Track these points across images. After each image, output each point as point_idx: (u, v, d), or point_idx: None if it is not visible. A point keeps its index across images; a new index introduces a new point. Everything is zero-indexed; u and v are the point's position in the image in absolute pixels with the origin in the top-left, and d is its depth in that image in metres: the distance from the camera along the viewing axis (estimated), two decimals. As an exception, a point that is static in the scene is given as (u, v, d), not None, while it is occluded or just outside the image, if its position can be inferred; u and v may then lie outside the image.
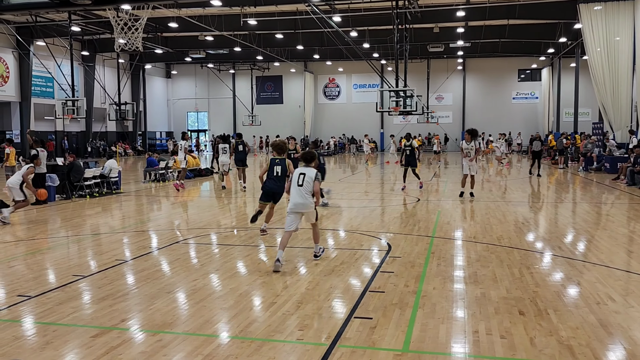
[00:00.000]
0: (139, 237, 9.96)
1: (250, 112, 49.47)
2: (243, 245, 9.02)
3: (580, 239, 9.51)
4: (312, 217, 7.57)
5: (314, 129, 51.35)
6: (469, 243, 9.00)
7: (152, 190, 18.56)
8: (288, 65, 47.89)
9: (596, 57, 25.17)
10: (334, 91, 51.83)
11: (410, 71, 33.67)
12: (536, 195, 16.01)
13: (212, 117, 54.28)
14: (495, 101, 48.13)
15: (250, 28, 33.87)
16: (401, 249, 8.46)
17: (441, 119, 47.49)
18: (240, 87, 52.53)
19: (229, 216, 12.56)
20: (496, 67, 47.56)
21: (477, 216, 11.79)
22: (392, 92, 25.33)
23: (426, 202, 14.36)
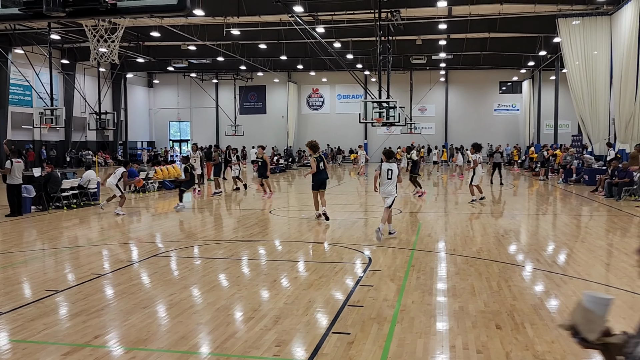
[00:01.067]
0: (117, 250, 9.85)
1: (233, 122, 49.34)
2: (223, 258, 8.97)
3: (559, 251, 9.62)
4: (389, 202, 10.50)
5: (298, 140, 51.38)
6: (449, 256, 9.05)
7: (132, 201, 18.38)
8: (271, 76, 47.97)
9: (575, 70, 25.63)
10: (318, 101, 51.98)
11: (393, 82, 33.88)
12: (516, 207, 16.17)
13: (194, 127, 54.05)
14: (477, 113, 48.68)
15: (234, 38, 33.87)
16: (382, 262, 8.47)
17: (424, 130, 47.90)
18: (223, 97, 52.43)
19: (210, 228, 12.49)
20: (478, 79, 48.15)
21: (458, 228, 11.87)
22: (375, 103, 25.49)
23: (408, 215, 14.42)
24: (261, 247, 10.20)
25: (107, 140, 47.32)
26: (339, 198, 18.95)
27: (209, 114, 53.09)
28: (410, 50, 37.72)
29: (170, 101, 53.79)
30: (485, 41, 36.24)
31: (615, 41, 23.67)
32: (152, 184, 21.34)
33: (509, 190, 21.88)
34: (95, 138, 46.08)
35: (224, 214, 15.40)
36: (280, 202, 18.17)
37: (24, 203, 14.41)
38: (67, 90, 40.90)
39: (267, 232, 11.85)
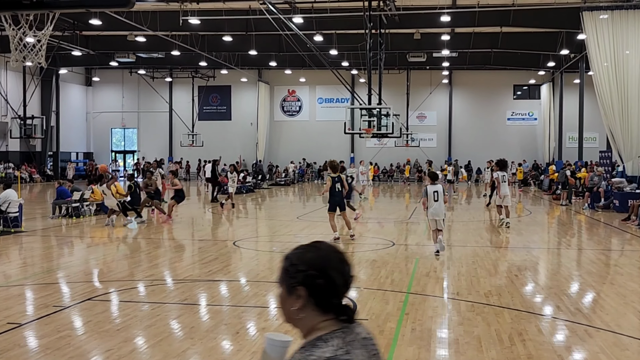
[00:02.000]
0: (43, 291, 9.70)
1: (191, 130, 49.24)
2: (175, 303, 8.89)
3: (584, 296, 9.73)
4: (442, 224, 13.03)
5: (269, 152, 51.41)
6: (451, 301, 9.09)
7: (63, 228, 18.16)
8: (238, 74, 48.09)
9: (602, 72, 26.17)
10: (294, 106, 52.18)
11: (386, 84, 34.27)
12: (533, 239, 16.34)
13: (142, 135, 53.78)
14: (487, 122, 49.30)
15: (192, 28, 33.94)
16: (369, 309, 8.48)
17: (423, 143, 48.25)
18: (178, 99, 52.32)
19: (160, 263, 12.38)
20: (488, 81, 48.85)
21: (462, 266, 11.95)
22: (364, 109, 25.69)
23: (403, 247, 14.48)
24: (222, 287, 10.13)
25: (33, 151, 46.76)
26: (319, 226, 18.96)
27: (160, 119, 52.89)
28: (406, 46, 38.17)
29: (113, 103, 53.50)
30: (497, 37, 36.86)
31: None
32: (89, 207, 21.13)
33: (524, 218, 22.12)
34: (18, 148, 45.50)
35: (177, 245, 15.29)
36: (246, 230, 18.11)
37: None
38: (-16, 88, 40.47)
39: (230, 269, 11.79)
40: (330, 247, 2.22)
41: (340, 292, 2.15)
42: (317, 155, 50.15)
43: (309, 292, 2.10)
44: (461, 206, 28.02)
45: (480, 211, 24.49)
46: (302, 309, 2.12)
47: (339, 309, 2.14)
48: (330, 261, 2.15)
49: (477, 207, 26.74)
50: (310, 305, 2.11)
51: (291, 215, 22.31)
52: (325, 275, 2.11)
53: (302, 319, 2.13)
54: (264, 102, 50.40)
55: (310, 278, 2.10)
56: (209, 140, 49.13)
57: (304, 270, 2.11)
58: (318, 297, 2.11)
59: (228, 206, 24.04)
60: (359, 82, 44.89)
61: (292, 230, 17.88)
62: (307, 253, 2.17)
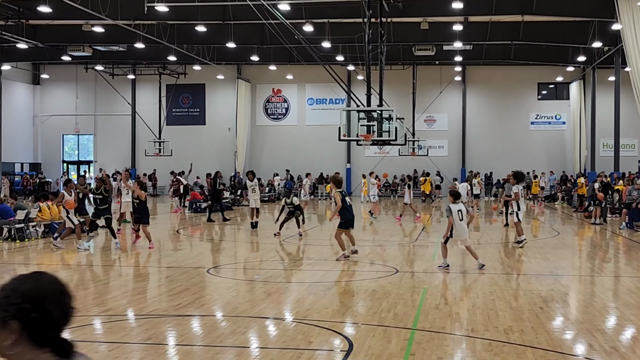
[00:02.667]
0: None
1: (157, 136, 49.17)
2: (138, 343, 8.85)
3: (621, 332, 9.74)
4: (468, 242, 15.02)
5: (250, 162, 51.31)
6: (464, 339, 9.08)
7: (4, 254, 18.06)
8: (214, 70, 48.17)
9: (642, 69, 26.45)
10: (280, 108, 52.24)
11: (388, 82, 34.42)
12: (561, 265, 16.39)
13: (100, 142, 53.64)
14: (507, 126, 49.50)
15: (159, 16, 34.03)
16: (367, 349, 8.46)
17: (433, 151, 48.40)
18: (143, 100, 52.29)
19: (120, 295, 12.32)
20: (508, 79, 49.12)
21: (478, 297, 11.96)
22: (362, 112, 25.74)
23: (408, 275, 14.49)
24: (194, 324, 10.09)
25: (-31, 162, 46.61)
26: (310, 249, 18.94)
27: (122, 124, 52.83)
28: (412, 37, 38.36)
29: (65, 105, 53.42)
30: (518, 26, 37.13)
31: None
32: (35, 228, 21.04)
33: (550, 240, 22.18)
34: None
35: (141, 274, 15.24)
36: (223, 256, 18.08)
37: None
38: None
39: (204, 302, 11.75)
40: (51, 278, 2.39)
41: (57, 326, 2.32)
42: (308, 166, 50.10)
43: (22, 325, 2.26)
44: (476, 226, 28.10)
45: (498, 231, 24.55)
46: (16, 344, 2.27)
47: (56, 344, 2.31)
48: (47, 294, 2.32)
49: (495, 226, 26.81)
50: (24, 340, 2.27)
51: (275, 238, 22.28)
52: (40, 309, 2.27)
53: (16, 354, 2.27)
54: (244, 104, 50.39)
55: (24, 312, 2.26)
56: (178, 148, 48.99)
57: (17, 303, 2.26)
58: (33, 331, 2.27)
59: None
60: (357, 79, 45.06)
61: (278, 255, 17.85)
62: (24, 285, 2.32)
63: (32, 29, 39.39)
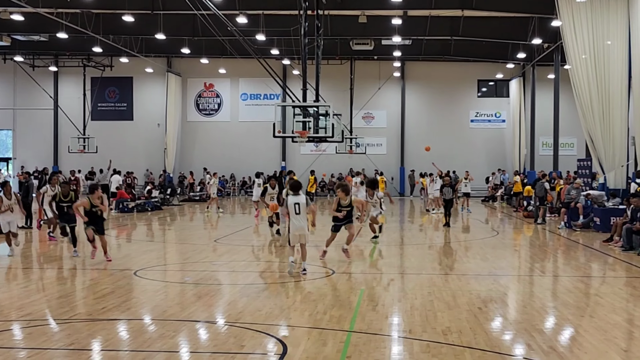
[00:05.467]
0: None
1: (82, 132, 48.28)
2: (59, 349, 8.67)
3: (559, 331, 9.97)
4: (305, 239, 14.38)
5: (181, 160, 50.90)
6: (402, 340, 9.16)
7: None
8: (142, 63, 47.55)
9: (581, 66, 27.13)
10: (212, 103, 51.94)
11: (325, 77, 34.44)
12: (500, 265, 16.69)
13: (19, 138, 52.42)
14: (447, 124, 50.24)
15: (84, 4, 33.43)
16: (302, 351, 8.47)
17: (371, 149, 48.78)
18: (66, 94, 51.32)
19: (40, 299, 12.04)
20: (448, 75, 49.86)
21: (416, 297, 12.08)
22: (298, 107, 25.75)
23: (345, 276, 14.54)
24: (121, 328, 9.94)
25: None
26: (241, 251, 18.85)
27: (43, 119, 51.74)
28: (350, 31, 38.59)
29: (-19, 98, 52.03)
30: (458, 22, 37.74)
31: (636, 27, 25.21)
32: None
33: (490, 240, 22.60)
34: None
35: (62, 276, 14.93)
36: (151, 257, 17.85)
37: None
38: None
39: (131, 305, 11.57)
40: None
41: None
42: (242, 163, 49.97)
43: None
44: (413, 226, 28.43)
45: (438, 232, 24.90)
46: None
47: None
48: None
49: (435, 227, 27.15)
50: None
51: (208, 238, 22.08)
52: None
53: None
54: (174, 98, 49.97)
55: None
56: (104, 145, 48.27)
57: None
58: None
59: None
60: (292, 74, 45.10)
61: (209, 257, 17.71)
62: None
63: (-56, 16, 38.22)
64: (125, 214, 32.02)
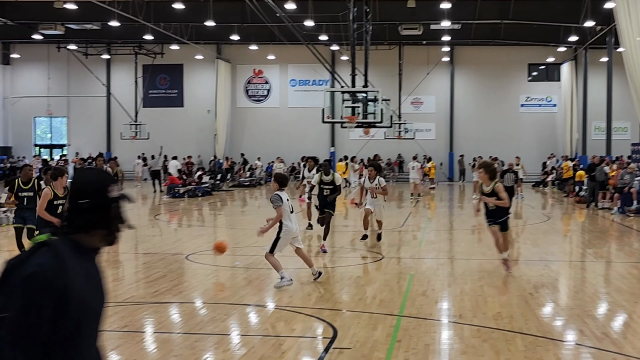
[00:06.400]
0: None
1: (134, 118, 48.90)
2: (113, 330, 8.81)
3: (613, 318, 9.84)
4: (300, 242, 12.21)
5: (231, 145, 51.21)
6: (452, 325, 9.14)
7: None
8: (192, 50, 47.87)
9: (635, 49, 26.51)
10: (261, 89, 52.08)
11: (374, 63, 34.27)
12: (551, 251, 16.50)
13: (73, 125, 53.27)
14: (497, 109, 49.60)
15: (135, -7, 33.76)
16: (352, 336, 8.49)
17: (420, 134, 48.43)
18: (118, 82, 51.93)
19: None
20: (497, 60, 49.19)
21: (466, 283, 12.02)
22: (346, 93, 25.73)
23: (394, 261, 14.53)
24: (173, 311, 10.08)
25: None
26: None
27: (96, 106, 52.46)
28: (398, 16, 38.32)
29: (37, 87, 52.95)
30: (508, 5, 37.19)
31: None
32: (6, 214, 20.88)
33: (540, 225, 22.32)
34: None
35: (116, 260, 15.18)
36: (202, 242, 18.04)
37: None
38: None
39: (182, 289, 11.73)
40: None
41: None
42: (290, 149, 50.07)
43: None
44: (463, 211, 28.21)
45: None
46: None
47: None
48: None
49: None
50: None
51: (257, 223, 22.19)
52: None
53: None
54: (224, 85, 50.21)
55: None
56: (155, 131, 48.73)
57: None
58: None
59: None
60: (341, 60, 44.94)
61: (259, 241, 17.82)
62: None
63: (1, 6, 38.97)
64: (176, 199, 32.40)
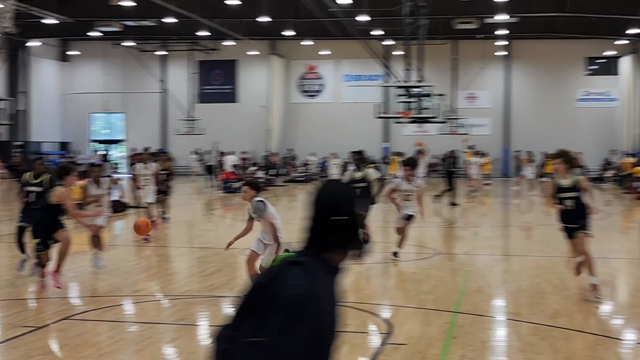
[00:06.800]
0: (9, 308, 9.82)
1: (189, 114, 49.48)
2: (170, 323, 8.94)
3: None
4: None
5: (284, 140, 51.41)
6: (509, 322, 9.02)
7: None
8: (246, 46, 48.17)
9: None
10: (315, 85, 52.16)
11: (428, 58, 34.11)
12: (612, 248, 16.17)
13: (130, 120, 54.09)
14: (554, 103, 48.86)
15: (190, -10, 34.10)
16: (407, 332, 8.47)
17: (475, 129, 47.94)
18: (173, 78, 52.56)
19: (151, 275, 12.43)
20: (554, 53, 48.39)
21: (523, 280, 11.86)
22: (400, 88, 25.67)
23: (449, 257, 14.42)
24: (228, 305, 10.14)
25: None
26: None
27: (151, 101, 53.21)
28: (453, 10, 37.96)
29: (94, 83, 53.90)
30: (565, -3, 36.54)
31: None
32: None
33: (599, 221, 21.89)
34: (-20, 137, 46.13)
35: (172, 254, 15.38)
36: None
37: None
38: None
39: (238, 283, 11.80)
40: None
41: None
42: (343, 144, 50.01)
43: None
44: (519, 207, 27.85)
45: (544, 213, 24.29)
46: None
47: None
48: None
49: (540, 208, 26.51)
50: None
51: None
52: None
53: None
54: (277, 80, 50.46)
55: None
56: (210, 126, 49.21)
57: None
58: None
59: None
60: (394, 55, 44.79)
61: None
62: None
63: (60, 3, 39.68)
64: (230, 194, 32.67)
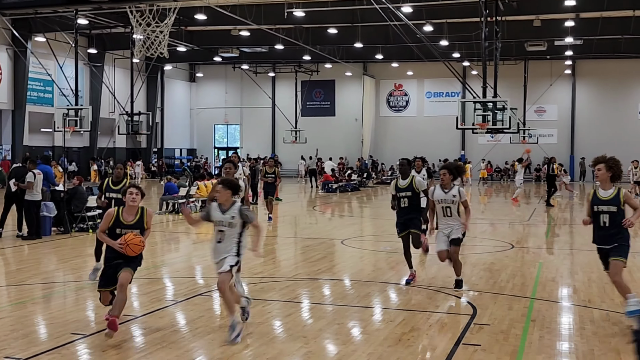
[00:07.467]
0: (153, 285, 10.15)
1: (294, 125, 50.06)
2: (284, 301, 9.05)
3: None
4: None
5: (375, 148, 51.37)
6: (582, 309, 8.71)
7: (169, 224, 18.95)
8: (343, 68, 48.39)
9: None
10: (401, 101, 51.90)
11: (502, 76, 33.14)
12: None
13: (245, 131, 55.22)
14: (616, 117, 47.02)
15: (296, 21, 34.46)
16: (490, 314, 8.29)
17: (542, 139, 46.76)
18: (281, 95, 53.32)
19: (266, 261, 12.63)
20: (617, 71, 46.59)
21: (592, 272, 11.41)
22: (477, 103, 25.26)
23: (524, 250, 14.07)
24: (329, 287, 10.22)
25: (139, 147, 49.14)
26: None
27: (263, 115, 54.13)
28: (525, 34, 37.05)
29: (216, 99, 55.30)
30: (629, 21, 34.99)
31: None
32: (195, 203, 21.87)
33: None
34: (125, 144, 47.93)
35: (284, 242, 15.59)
36: (354, 229, 18.21)
37: (44, 223, 15.12)
38: (94, 85, 42.87)
39: (339, 269, 11.87)
40: None
41: None
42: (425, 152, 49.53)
43: None
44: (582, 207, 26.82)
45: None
46: None
47: None
48: None
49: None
50: None
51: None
52: None
53: None
54: (369, 97, 50.48)
55: None
56: (312, 136, 49.68)
57: None
58: None
59: None
60: (471, 74, 43.97)
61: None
62: None
63: (189, 34, 40.89)
64: (329, 193, 32.94)
